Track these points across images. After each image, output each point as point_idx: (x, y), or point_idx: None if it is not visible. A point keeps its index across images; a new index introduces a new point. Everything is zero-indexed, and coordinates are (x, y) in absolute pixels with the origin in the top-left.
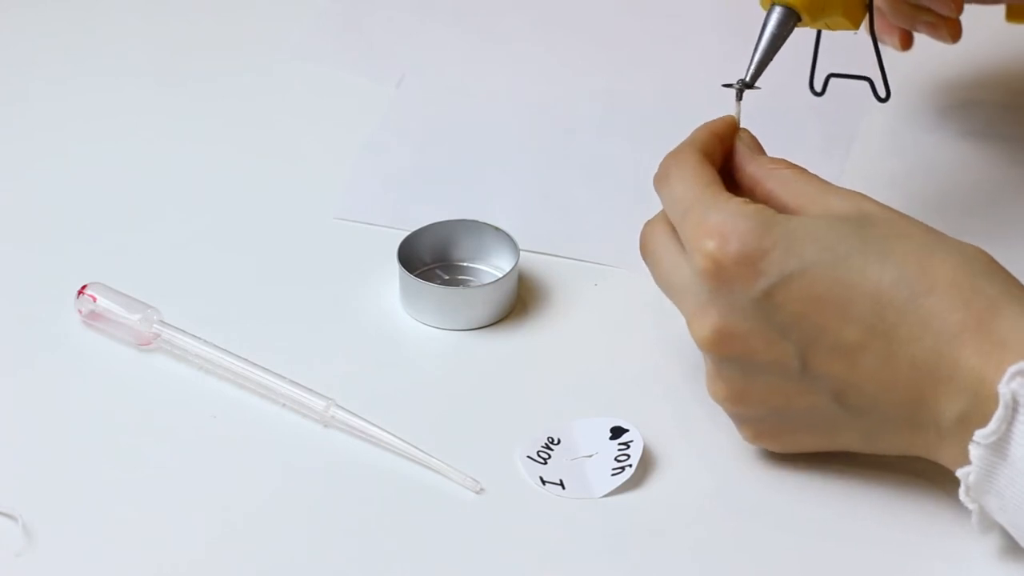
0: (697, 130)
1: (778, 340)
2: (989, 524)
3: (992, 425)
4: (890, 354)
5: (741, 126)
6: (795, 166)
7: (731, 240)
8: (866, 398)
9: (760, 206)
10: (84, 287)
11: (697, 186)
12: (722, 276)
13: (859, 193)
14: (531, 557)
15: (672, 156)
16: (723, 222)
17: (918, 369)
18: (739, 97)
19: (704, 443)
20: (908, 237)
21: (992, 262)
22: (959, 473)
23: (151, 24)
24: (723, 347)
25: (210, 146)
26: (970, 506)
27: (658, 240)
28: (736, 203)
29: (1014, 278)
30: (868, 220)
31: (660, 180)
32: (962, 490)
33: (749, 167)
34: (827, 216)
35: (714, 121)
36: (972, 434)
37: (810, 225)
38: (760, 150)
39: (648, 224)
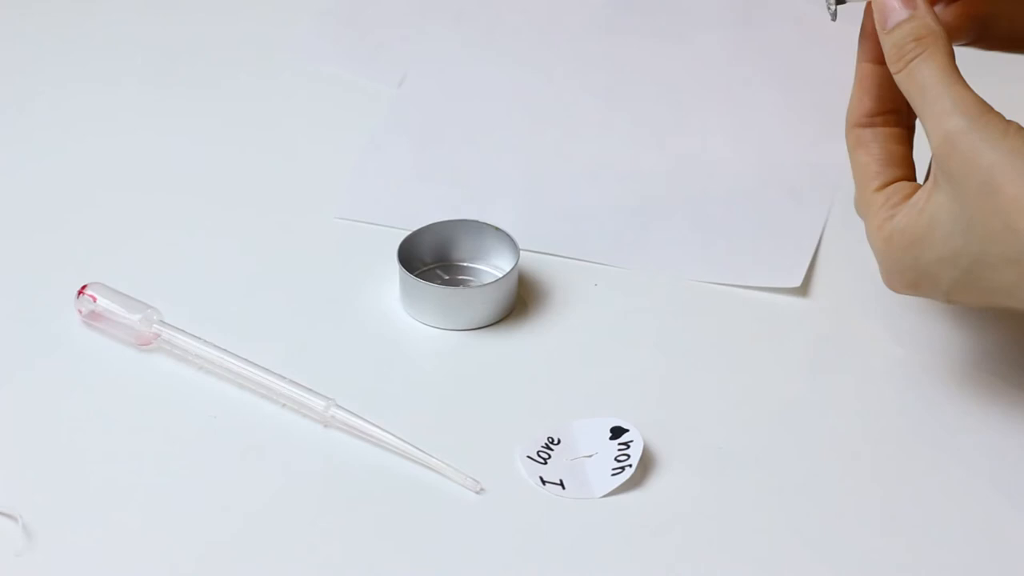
0: (854, 84)
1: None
2: None
3: None
4: None
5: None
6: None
7: (886, 274)
8: None
9: (884, 233)
10: (84, 287)
11: (855, 179)
12: (901, 293)
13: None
14: (531, 557)
15: (846, 135)
16: (875, 250)
17: None
18: (834, 17)
19: (704, 443)
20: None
21: None
22: None
23: (151, 25)
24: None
25: (211, 146)
26: None
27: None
28: (873, 225)
29: None
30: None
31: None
32: None
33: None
34: (947, 205)
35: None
36: None
37: (933, 254)
38: None
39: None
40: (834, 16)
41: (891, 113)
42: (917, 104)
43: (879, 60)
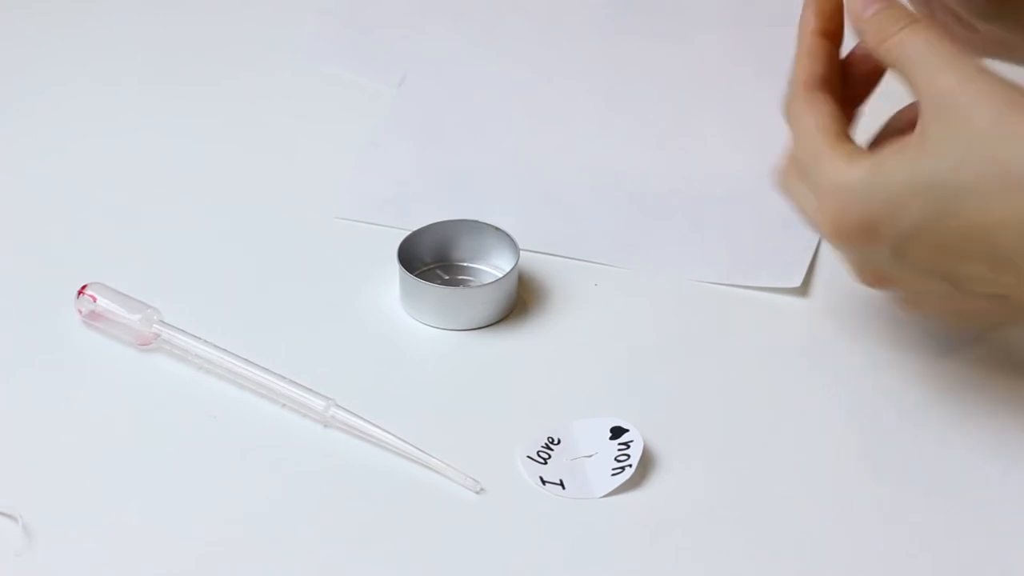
0: (798, 53)
1: (925, 277)
2: None
3: None
4: None
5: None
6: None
7: (841, 215)
8: None
9: (861, 169)
10: (84, 287)
11: (807, 138)
12: (846, 242)
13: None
14: (531, 557)
15: (787, 102)
16: (831, 194)
17: None
18: None
19: (704, 443)
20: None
21: None
22: None
23: (151, 24)
24: (876, 285)
25: (211, 146)
26: None
27: (791, 188)
28: (838, 167)
29: None
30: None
31: (788, 120)
32: None
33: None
34: (934, 152)
35: (805, 23)
36: None
37: (912, 181)
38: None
39: (779, 171)
40: None
41: (836, 88)
42: (907, 67)
43: (828, 35)
